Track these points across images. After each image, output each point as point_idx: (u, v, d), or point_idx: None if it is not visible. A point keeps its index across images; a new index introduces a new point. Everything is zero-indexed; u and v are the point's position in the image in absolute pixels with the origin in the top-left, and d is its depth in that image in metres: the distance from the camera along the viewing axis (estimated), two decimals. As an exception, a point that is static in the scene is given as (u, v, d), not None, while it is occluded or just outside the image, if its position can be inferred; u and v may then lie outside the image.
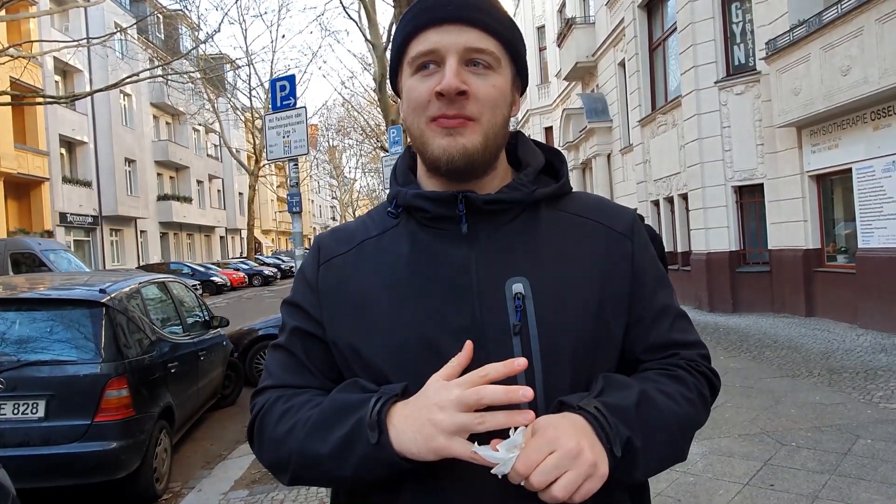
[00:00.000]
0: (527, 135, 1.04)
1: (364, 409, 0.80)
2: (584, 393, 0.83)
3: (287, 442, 0.86)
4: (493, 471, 0.73)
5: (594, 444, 0.75)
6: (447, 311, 0.86)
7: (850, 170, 8.76)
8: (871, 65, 7.56)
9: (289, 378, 0.94)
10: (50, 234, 23.17)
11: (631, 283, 0.93)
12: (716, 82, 11.07)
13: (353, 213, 55.06)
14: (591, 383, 0.86)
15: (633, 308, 0.93)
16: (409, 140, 0.95)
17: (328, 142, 51.27)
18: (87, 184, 27.19)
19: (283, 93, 4.44)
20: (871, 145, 8.30)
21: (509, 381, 0.81)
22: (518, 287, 0.86)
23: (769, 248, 10.76)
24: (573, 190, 0.99)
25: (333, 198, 70.93)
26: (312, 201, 69.93)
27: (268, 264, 35.07)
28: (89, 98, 22.42)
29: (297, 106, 4.53)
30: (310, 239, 64.00)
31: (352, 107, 32.19)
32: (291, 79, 4.60)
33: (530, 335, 0.85)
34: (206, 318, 6.39)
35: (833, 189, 9.77)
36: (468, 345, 0.80)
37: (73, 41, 17.77)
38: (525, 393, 0.73)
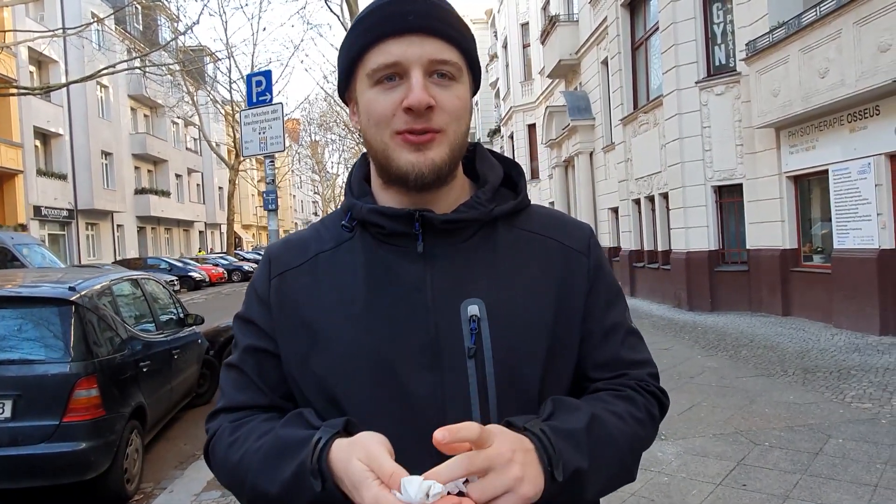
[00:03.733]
0: (485, 146, 1.02)
1: (305, 451, 0.77)
2: (532, 415, 0.81)
3: (237, 474, 0.85)
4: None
5: (530, 463, 0.72)
6: (402, 331, 0.84)
7: (826, 171, 8.87)
8: (848, 67, 7.65)
9: (242, 398, 0.92)
10: (24, 227, 22.71)
11: (585, 300, 0.92)
12: (696, 82, 11.15)
13: (336, 208, 54.71)
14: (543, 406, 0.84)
15: (584, 323, 0.92)
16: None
17: (310, 136, 50.93)
18: (63, 177, 26.71)
19: (258, 88, 4.35)
20: (847, 147, 8.41)
21: (463, 408, 0.80)
22: (473, 309, 0.84)
23: (747, 247, 10.88)
24: (531, 203, 0.98)
25: (315, 193, 70.52)
26: (294, 196, 69.46)
27: (248, 259, 34.76)
28: (65, 89, 22.06)
29: (274, 102, 4.47)
30: (290, 233, 63.48)
31: (334, 101, 31.97)
32: (268, 74, 4.52)
33: (485, 358, 0.83)
34: (181, 315, 6.30)
35: (810, 190, 9.90)
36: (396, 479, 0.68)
37: (49, 31, 17.40)
38: None
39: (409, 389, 0.83)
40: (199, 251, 38.64)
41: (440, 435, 0.67)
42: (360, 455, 0.72)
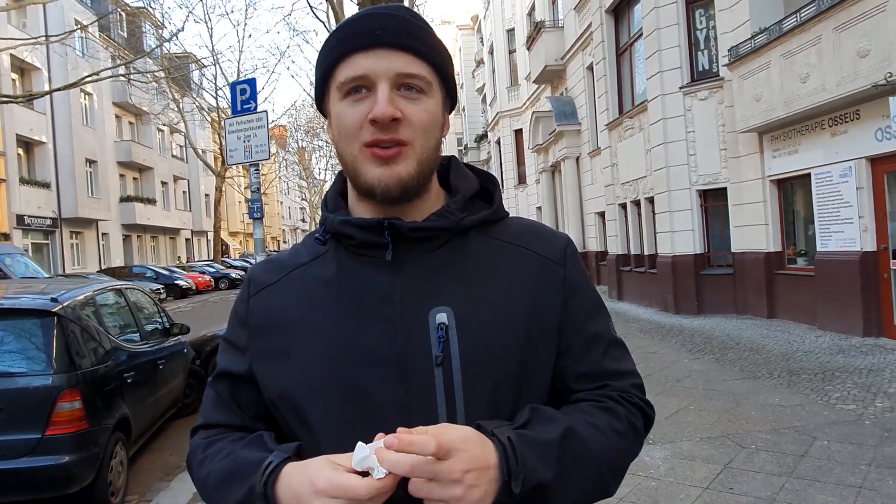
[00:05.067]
0: (460, 159, 1.02)
1: (256, 476, 0.80)
2: (506, 421, 0.81)
3: (204, 491, 0.90)
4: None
5: (479, 485, 0.72)
6: (368, 342, 0.84)
7: (809, 175, 8.97)
8: (828, 72, 7.76)
9: (218, 417, 0.97)
10: (6, 237, 22.45)
11: (562, 311, 0.91)
12: (681, 87, 11.25)
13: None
14: (516, 414, 0.84)
15: (563, 336, 0.91)
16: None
17: (297, 143, 50.77)
18: (46, 185, 26.41)
19: (243, 96, 4.33)
20: (828, 151, 8.51)
21: (430, 418, 0.80)
22: (442, 317, 0.84)
23: (732, 250, 10.96)
24: (509, 216, 0.98)
25: (303, 199, 70.25)
26: (281, 203, 69.17)
27: (235, 267, 34.53)
28: (48, 97, 21.84)
29: (259, 110, 4.45)
30: (278, 241, 63.26)
31: (321, 107, 31.90)
32: (252, 82, 4.51)
33: (452, 367, 0.83)
34: (166, 325, 6.25)
35: (793, 193, 10.01)
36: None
37: (31, 38, 17.26)
38: None
39: (373, 401, 0.83)
40: (178, 259, 38.07)
41: (390, 441, 0.69)
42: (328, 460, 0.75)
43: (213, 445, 0.92)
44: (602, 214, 16.28)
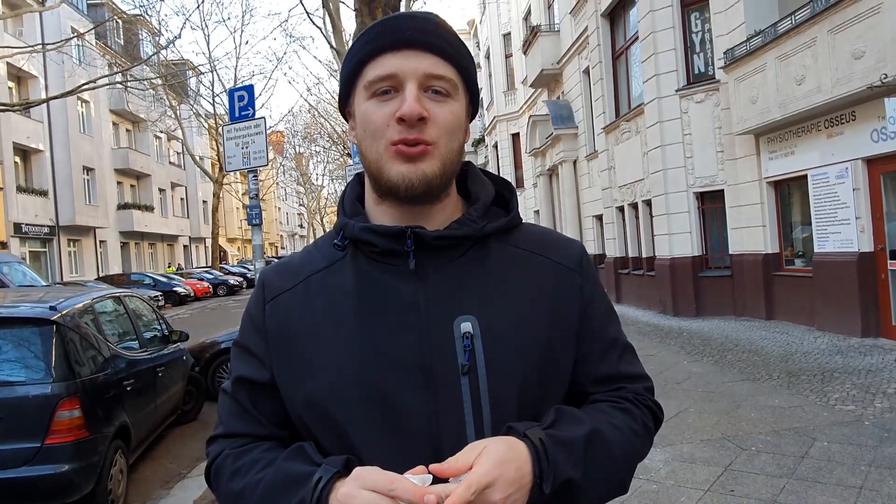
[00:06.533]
0: (470, 158, 1.03)
1: (305, 490, 0.79)
2: (535, 422, 0.83)
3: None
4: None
5: (514, 480, 0.74)
6: (393, 350, 0.85)
7: (805, 176, 9.00)
8: (824, 74, 7.79)
9: (238, 426, 0.94)
10: (4, 245, 22.40)
11: (580, 318, 0.93)
12: (677, 90, 11.28)
13: (321, 221, 54.51)
14: (539, 418, 0.86)
15: (582, 343, 0.93)
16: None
17: (294, 149, 50.75)
18: (44, 193, 26.38)
19: (241, 103, 4.35)
20: (825, 152, 8.54)
21: (458, 425, 0.82)
22: (467, 326, 0.85)
23: (730, 252, 10.98)
24: (523, 222, 0.99)
25: (301, 205, 70.21)
26: (279, 209, 69.11)
27: (233, 273, 34.48)
28: (45, 105, 21.84)
29: (257, 116, 4.45)
30: (276, 247, 63.18)
31: (318, 113, 31.96)
32: (250, 89, 4.53)
33: (479, 375, 0.84)
34: (165, 332, 6.24)
35: (790, 195, 10.03)
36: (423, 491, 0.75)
37: (28, 46, 17.27)
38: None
39: (401, 409, 0.83)
40: (168, 267, 37.76)
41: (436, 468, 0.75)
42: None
43: (245, 456, 0.89)
44: (600, 217, 16.30)
